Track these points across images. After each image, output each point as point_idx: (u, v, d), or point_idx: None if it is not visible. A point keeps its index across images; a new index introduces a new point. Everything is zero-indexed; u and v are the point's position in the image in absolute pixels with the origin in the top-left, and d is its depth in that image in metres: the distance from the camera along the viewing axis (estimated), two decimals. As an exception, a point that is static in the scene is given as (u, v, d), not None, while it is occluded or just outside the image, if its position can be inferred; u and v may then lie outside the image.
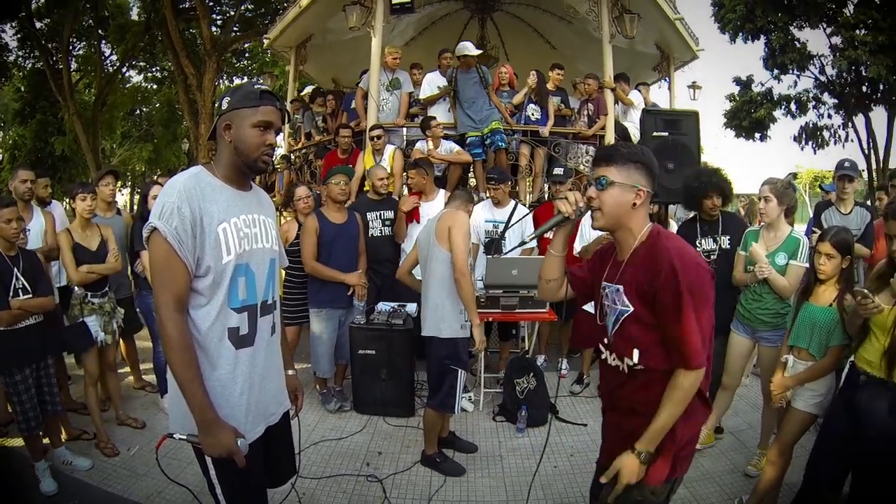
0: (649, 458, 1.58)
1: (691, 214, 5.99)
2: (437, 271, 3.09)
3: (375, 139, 5.22)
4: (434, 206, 4.35)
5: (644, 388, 1.64)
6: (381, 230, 4.46)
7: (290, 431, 1.94)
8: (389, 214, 4.48)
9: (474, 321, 3.07)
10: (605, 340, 1.76)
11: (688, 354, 1.52)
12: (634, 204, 1.62)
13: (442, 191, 4.63)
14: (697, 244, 3.57)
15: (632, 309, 1.62)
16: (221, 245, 1.56)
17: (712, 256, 3.51)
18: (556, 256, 1.85)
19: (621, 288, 1.65)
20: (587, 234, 4.27)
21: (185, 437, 1.58)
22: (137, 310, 4.10)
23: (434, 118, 5.45)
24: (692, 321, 1.50)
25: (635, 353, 1.63)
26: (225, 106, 1.63)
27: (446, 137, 5.47)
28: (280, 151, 7.57)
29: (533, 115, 5.90)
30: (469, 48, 5.58)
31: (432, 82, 5.83)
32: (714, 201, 3.47)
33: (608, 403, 1.86)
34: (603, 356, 1.80)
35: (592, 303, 1.88)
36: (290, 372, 1.97)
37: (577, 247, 4.33)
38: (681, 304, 1.50)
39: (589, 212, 1.69)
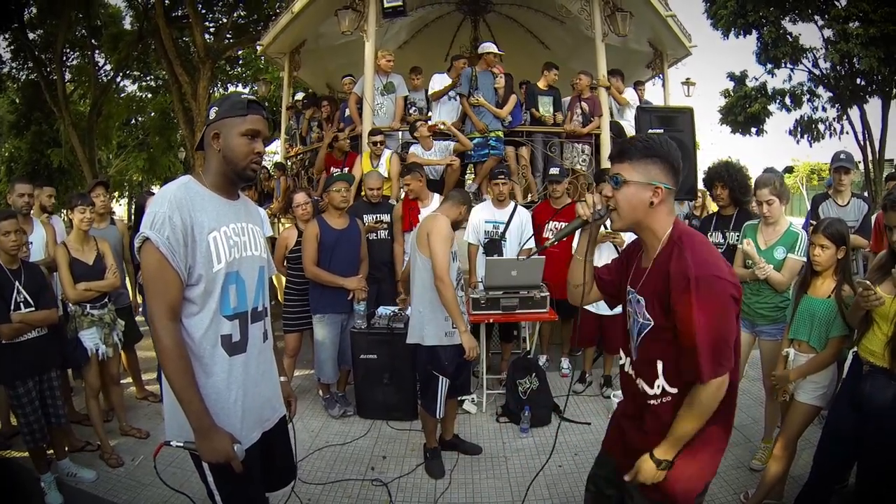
0: (668, 465, 1.53)
1: (686, 208, 6.07)
2: (419, 278, 3.07)
3: (378, 144, 5.20)
4: (430, 210, 4.25)
5: (663, 415, 1.57)
6: (377, 233, 4.45)
7: (288, 436, 1.93)
8: (386, 218, 4.48)
9: (460, 328, 2.95)
10: (629, 348, 1.69)
11: (698, 366, 1.42)
12: (652, 203, 1.52)
13: (436, 195, 4.53)
14: (707, 237, 3.62)
15: (653, 323, 1.55)
16: (212, 254, 1.58)
17: (719, 250, 3.55)
18: (579, 260, 1.78)
19: (642, 300, 1.58)
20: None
21: (182, 445, 1.58)
22: (143, 318, 4.08)
23: (421, 121, 5.44)
24: (704, 330, 1.40)
25: (659, 366, 1.56)
26: (213, 116, 1.65)
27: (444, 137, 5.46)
28: (276, 158, 7.57)
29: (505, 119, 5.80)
30: (493, 47, 5.56)
31: (441, 82, 5.78)
32: (719, 191, 3.57)
33: (624, 408, 1.81)
34: (622, 363, 1.74)
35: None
36: (283, 379, 1.98)
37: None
38: (690, 312, 1.41)
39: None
